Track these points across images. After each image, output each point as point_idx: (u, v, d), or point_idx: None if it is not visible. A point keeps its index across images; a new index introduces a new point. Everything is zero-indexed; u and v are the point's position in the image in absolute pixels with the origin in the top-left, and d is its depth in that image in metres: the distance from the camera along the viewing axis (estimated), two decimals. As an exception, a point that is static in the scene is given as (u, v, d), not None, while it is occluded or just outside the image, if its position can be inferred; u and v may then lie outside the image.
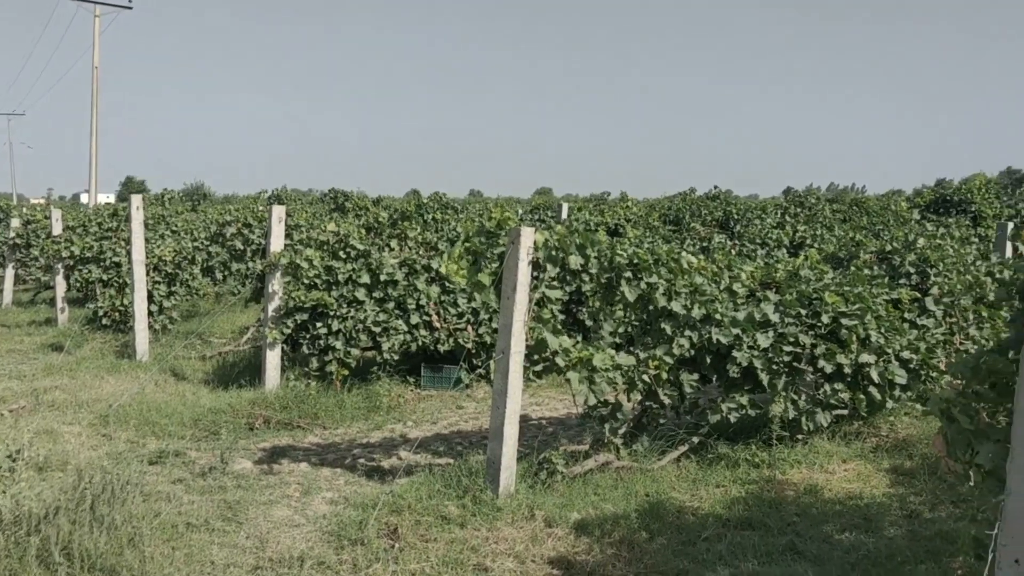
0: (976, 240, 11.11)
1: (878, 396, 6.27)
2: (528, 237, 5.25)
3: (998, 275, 7.25)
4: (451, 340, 8.58)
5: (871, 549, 4.48)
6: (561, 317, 9.61)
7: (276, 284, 8.37)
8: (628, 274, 5.95)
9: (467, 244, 5.54)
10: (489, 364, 7.13)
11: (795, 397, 6.11)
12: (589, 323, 9.27)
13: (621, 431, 5.93)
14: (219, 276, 12.56)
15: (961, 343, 6.79)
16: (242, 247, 12.23)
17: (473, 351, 8.67)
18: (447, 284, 8.73)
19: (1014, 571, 2.97)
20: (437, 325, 8.53)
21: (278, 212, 8.49)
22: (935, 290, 7.14)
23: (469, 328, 8.67)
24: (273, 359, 8.34)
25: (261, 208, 12.87)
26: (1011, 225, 9.69)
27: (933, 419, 5.00)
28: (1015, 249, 9.09)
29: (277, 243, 8.42)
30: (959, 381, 3.49)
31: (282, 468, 6.17)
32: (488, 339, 8.66)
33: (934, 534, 4.66)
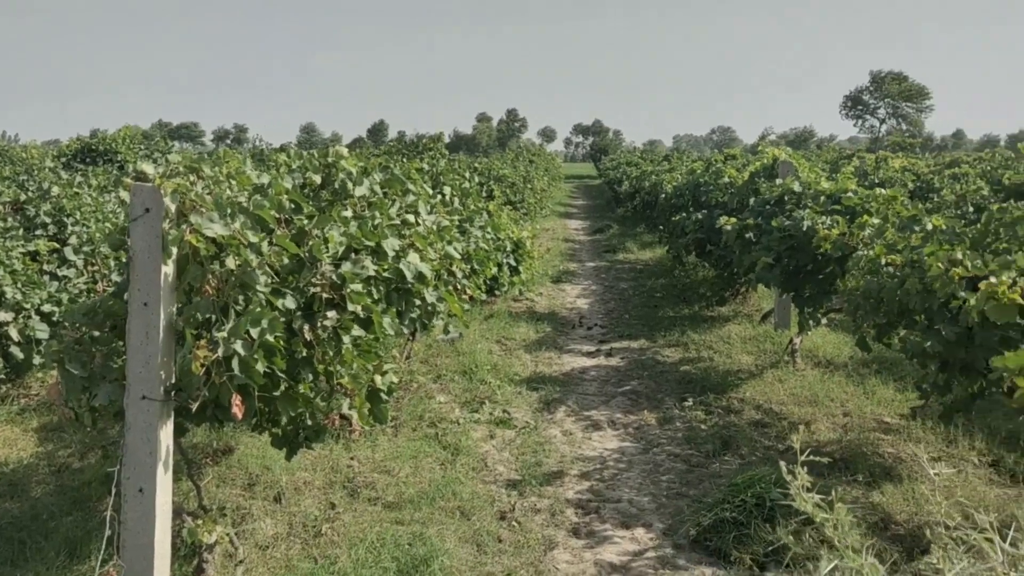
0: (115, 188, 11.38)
1: (22, 355, 5.92)
2: None
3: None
4: None
5: (16, 514, 4.24)
6: None
7: None
8: None
9: None
10: None
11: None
12: None
13: None
14: None
15: (104, 290, 6.89)
16: None
17: None
18: None
19: (139, 500, 3.14)
20: None
21: None
22: (74, 240, 7.06)
23: None
24: None
25: None
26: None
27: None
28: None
29: None
30: (82, 328, 3.50)
31: None
32: None
33: (82, 483, 4.66)
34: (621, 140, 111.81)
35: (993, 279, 3.89)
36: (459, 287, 5.59)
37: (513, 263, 10.16)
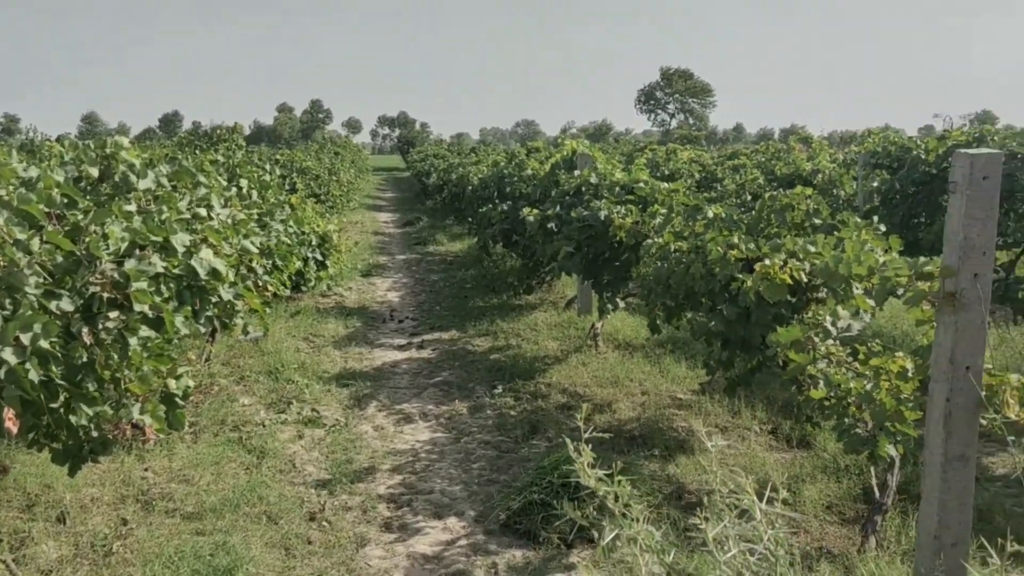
0: None
1: None
2: None
3: None
4: None
5: None
6: None
7: None
8: None
9: None
10: None
11: None
12: None
13: None
14: None
15: None
16: None
17: None
18: None
19: None
20: None
21: None
22: None
23: None
24: None
25: None
26: None
27: None
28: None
29: None
30: None
31: None
32: None
33: None
34: (428, 132, 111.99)
35: (766, 261, 4.24)
36: (260, 283, 5.38)
37: (319, 257, 9.94)
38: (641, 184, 7.37)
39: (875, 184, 8.59)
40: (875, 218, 4.85)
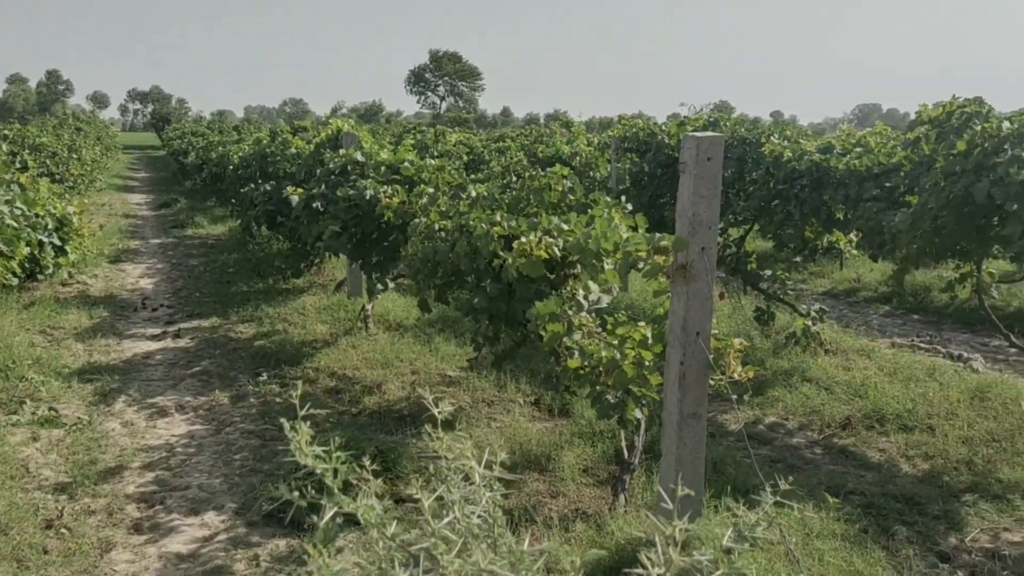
0: None
1: None
2: None
3: None
4: None
5: None
6: None
7: None
8: None
9: None
10: None
11: None
12: None
13: None
14: None
15: None
16: None
17: None
18: None
19: None
20: None
21: None
22: None
23: None
24: None
25: None
26: None
27: None
28: None
29: None
30: None
31: None
32: None
33: None
34: (187, 109, 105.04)
35: (523, 238, 4.38)
36: (-20, 271, 4.78)
37: (57, 242, 9.07)
38: (407, 164, 7.35)
39: (627, 167, 9.17)
40: (623, 198, 5.16)
